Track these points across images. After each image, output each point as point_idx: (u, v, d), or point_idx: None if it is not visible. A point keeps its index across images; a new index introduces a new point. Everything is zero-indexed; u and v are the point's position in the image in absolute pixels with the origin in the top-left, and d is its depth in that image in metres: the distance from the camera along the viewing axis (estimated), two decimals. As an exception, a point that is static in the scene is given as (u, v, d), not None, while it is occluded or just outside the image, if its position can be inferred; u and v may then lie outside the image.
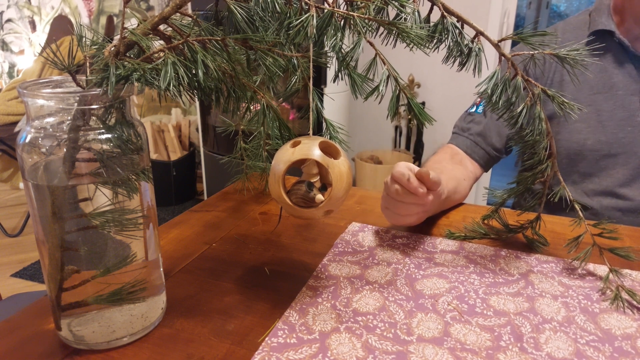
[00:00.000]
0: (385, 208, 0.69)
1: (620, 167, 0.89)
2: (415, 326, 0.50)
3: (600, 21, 0.90)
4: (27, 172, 0.42)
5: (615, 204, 0.90)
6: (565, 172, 0.93)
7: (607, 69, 0.90)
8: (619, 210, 0.89)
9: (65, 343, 0.47)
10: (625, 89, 0.88)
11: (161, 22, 0.43)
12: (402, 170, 0.63)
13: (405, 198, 0.64)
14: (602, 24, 0.89)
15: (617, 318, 0.52)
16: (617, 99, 0.88)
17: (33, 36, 3.35)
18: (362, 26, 0.45)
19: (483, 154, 0.95)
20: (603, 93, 0.89)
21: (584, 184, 0.92)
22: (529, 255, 0.65)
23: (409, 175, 0.62)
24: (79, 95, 0.40)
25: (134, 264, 0.46)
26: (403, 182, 0.63)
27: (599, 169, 0.90)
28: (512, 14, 2.37)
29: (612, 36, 0.89)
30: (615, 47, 0.90)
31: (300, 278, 0.59)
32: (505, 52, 0.54)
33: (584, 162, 0.91)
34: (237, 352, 0.46)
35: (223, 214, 0.78)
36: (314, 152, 0.45)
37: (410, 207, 0.66)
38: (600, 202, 0.91)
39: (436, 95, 2.54)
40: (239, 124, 0.75)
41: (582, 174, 0.92)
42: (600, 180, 0.90)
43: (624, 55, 0.89)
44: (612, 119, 0.88)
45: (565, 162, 0.93)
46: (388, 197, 0.67)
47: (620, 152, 0.88)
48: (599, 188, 0.91)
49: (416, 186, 0.62)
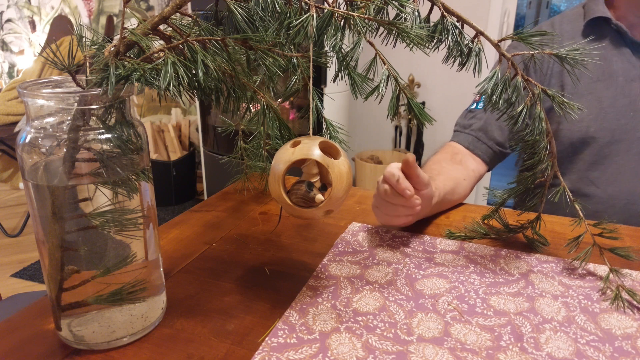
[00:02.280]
0: (375, 207, 0.70)
1: (623, 154, 0.89)
2: (415, 326, 0.50)
3: (597, 9, 0.90)
4: (27, 172, 0.42)
5: (620, 192, 0.90)
6: (570, 160, 0.93)
7: (605, 57, 0.90)
8: (625, 197, 0.90)
9: (65, 343, 0.47)
10: (624, 75, 0.89)
11: (161, 22, 0.43)
12: (393, 171, 0.63)
13: (394, 199, 0.65)
14: (598, 11, 0.90)
15: (617, 318, 0.52)
16: (618, 86, 0.89)
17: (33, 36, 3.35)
18: (362, 26, 0.45)
19: (486, 148, 0.94)
20: (603, 80, 0.90)
21: (588, 172, 0.92)
22: (529, 255, 0.65)
23: (398, 176, 0.63)
24: (79, 95, 0.40)
25: (134, 264, 0.46)
26: (392, 182, 0.63)
27: (603, 156, 0.90)
28: (512, 14, 2.37)
29: (609, 23, 0.89)
30: (612, 33, 0.90)
31: (300, 278, 0.59)
32: (505, 52, 0.54)
33: (588, 150, 0.91)
34: (237, 352, 0.46)
35: (223, 214, 0.78)
36: (314, 152, 0.45)
37: (398, 208, 0.66)
38: (605, 190, 0.91)
39: (436, 95, 2.54)
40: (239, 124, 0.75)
41: (586, 162, 0.92)
42: (605, 167, 0.91)
43: (622, 42, 0.90)
44: (613, 106, 0.89)
45: (570, 150, 0.93)
46: (378, 197, 0.68)
47: (624, 138, 0.89)
48: (604, 176, 0.91)
49: (404, 188, 0.62)
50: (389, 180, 0.64)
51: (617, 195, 0.90)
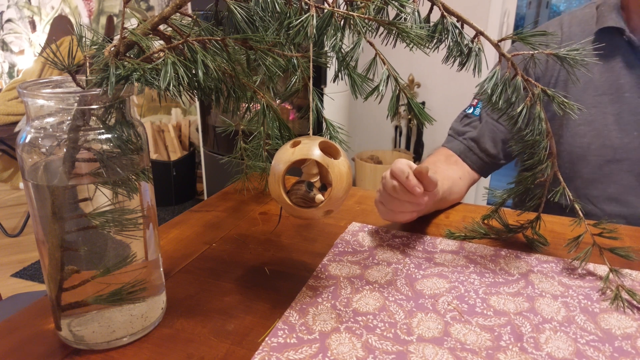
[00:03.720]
0: (379, 202, 0.69)
1: (625, 174, 0.84)
2: (415, 326, 0.50)
3: (610, 17, 0.84)
4: (27, 172, 0.42)
5: (620, 212, 0.86)
6: (568, 177, 0.88)
7: (614, 69, 0.85)
8: (624, 217, 0.86)
9: (65, 343, 0.47)
10: (632, 91, 0.83)
11: (161, 22, 0.43)
12: (402, 167, 0.62)
13: (402, 195, 0.64)
14: (612, 21, 0.84)
15: (617, 318, 0.52)
16: (624, 102, 0.84)
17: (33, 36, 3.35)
18: (362, 26, 0.45)
19: (476, 159, 0.92)
20: (609, 94, 0.85)
21: (587, 190, 0.88)
22: (529, 255, 0.65)
23: (408, 172, 0.62)
24: (79, 95, 0.40)
25: (134, 264, 0.46)
26: (402, 179, 0.62)
27: (602, 174, 0.86)
28: (512, 14, 2.37)
29: (622, 34, 0.84)
30: (624, 46, 0.84)
31: (300, 278, 0.59)
32: (505, 52, 0.54)
33: (588, 168, 0.87)
34: (237, 352, 0.46)
35: (223, 214, 0.78)
36: (314, 152, 0.45)
37: (404, 204, 0.65)
38: (603, 209, 0.87)
39: (436, 95, 2.54)
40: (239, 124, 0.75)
41: (585, 180, 0.88)
42: (604, 186, 0.86)
43: (634, 56, 0.84)
44: (618, 123, 0.84)
45: (568, 166, 0.89)
46: (384, 192, 0.67)
47: (625, 157, 0.84)
48: (603, 195, 0.87)
49: (414, 185, 0.62)
50: (399, 177, 0.63)
51: (617, 215, 0.86)
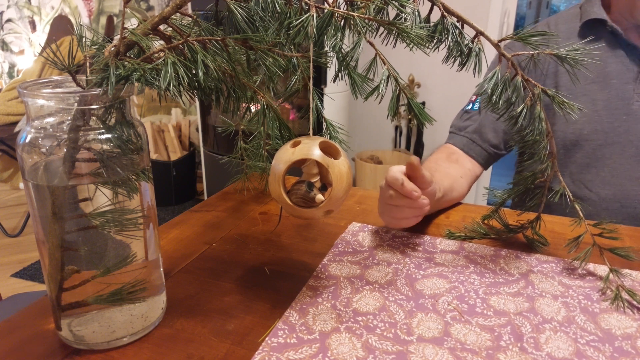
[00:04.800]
0: (382, 213, 0.69)
1: (617, 157, 0.89)
2: (415, 326, 0.50)
3: (592, 11, 0.90)
4: (27, 172, 0.42)
5: (614, 195, 0.90)
6: (563, 163, 0.93)
7: (600, 58, 0.90)
8: (618, 201, 0.89)
9: (65, 343, 0.47)
10: (619, 77, 0.89)
11: (161, 22, 0.43)
12: (396, 175, 0.63)
13: (400, 202, 0.65)
14: (594, 13, 0.90)
15: (617, 318, 0.52)
16: (612, 88, 0.89)
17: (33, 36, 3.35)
18: (362, 26, 0.45)
19: (480, 151, 0.95)
20: (598, 82, 0.90)
21: (581, 175, 0.92)
22: (529, 255, 0.65)
23: (402, 179, 0.62)
24: (79, 95, 0.40)
25: (134, 264, 0.46)
26: (397, 186, 0.63)
27: (595, 158, 0.90)
28: (512, 14, 2.37)
29: (604, 25, 0.89)
30: (608, 35, 0.90)
31: (300, 278, 0.59)
32: (505, 52, 0.54)
33: (581, 152, 0.91)
34: (237, 352, 0.46)
35: (223, 214, 0.78)
36: (314, 152, 0.45)
37: (405, 210, 0.66)
38: (598, 193, 0.91)
39: (436, 95, 2.54)
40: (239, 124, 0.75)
41: (579, 165, 0.92)
42: (597, 170, 0.90)
43: (617, 44, 0.89)
44: (607, 108, 0.89)
45: (562, 152, 0.93)
46: (384, 203, 0.67)
47: (617, 141, 0.88)
48: (597, 179, 0.91)
49: (410, 190, 0.62)
50: (393, 185, 0.64)
51: (611, 198, 0.90)
